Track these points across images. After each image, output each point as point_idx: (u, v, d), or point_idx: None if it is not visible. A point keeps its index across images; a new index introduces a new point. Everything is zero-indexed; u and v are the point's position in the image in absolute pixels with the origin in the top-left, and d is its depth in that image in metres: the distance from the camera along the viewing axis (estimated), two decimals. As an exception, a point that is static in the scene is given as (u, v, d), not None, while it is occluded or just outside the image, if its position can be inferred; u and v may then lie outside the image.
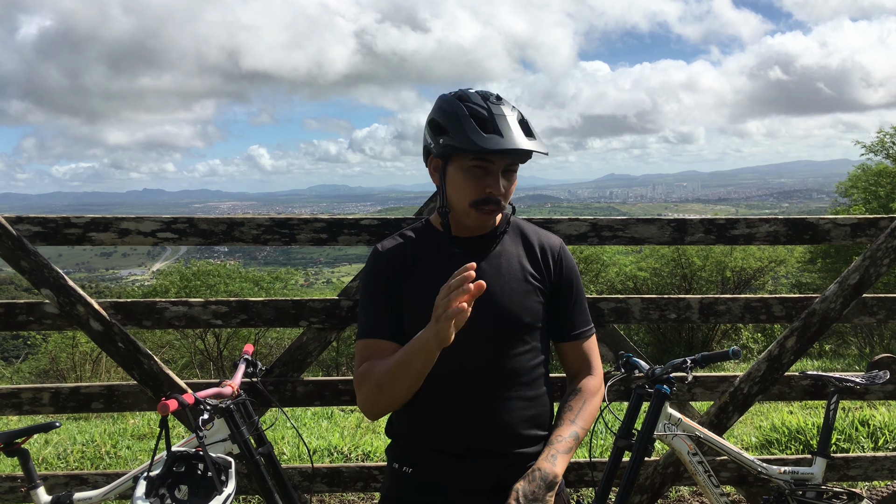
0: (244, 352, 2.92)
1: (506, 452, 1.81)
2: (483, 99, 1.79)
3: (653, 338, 17.88)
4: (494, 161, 1.77)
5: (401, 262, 1.88)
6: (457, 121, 1.76)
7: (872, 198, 19.04)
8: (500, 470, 1.79)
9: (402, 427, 1.89)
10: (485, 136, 1.72)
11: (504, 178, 1.79)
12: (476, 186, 1.79)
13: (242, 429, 2.60)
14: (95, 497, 2.71)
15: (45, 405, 3.08)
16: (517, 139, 1.73)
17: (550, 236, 2.00)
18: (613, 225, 3.08)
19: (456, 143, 1.75)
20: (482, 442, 1.79)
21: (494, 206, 1.80)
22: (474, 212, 1.81)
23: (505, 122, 1.74)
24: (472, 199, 1.80)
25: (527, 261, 1.91)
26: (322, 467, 3.17)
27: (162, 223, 3.00)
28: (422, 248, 1.91)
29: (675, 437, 2.69)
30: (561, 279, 1.93)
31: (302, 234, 3.02)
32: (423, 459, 1.84)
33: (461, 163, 1.79)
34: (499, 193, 1.78)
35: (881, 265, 3.06)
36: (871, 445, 4.60)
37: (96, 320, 2.97)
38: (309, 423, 6.08)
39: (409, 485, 1.84)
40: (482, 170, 1.78)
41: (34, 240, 2.96)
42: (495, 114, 1.75)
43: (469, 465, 1.79)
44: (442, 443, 1.81)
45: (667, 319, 3.15)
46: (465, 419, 1.79)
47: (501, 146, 1.71)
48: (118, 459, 5.05)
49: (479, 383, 1.80)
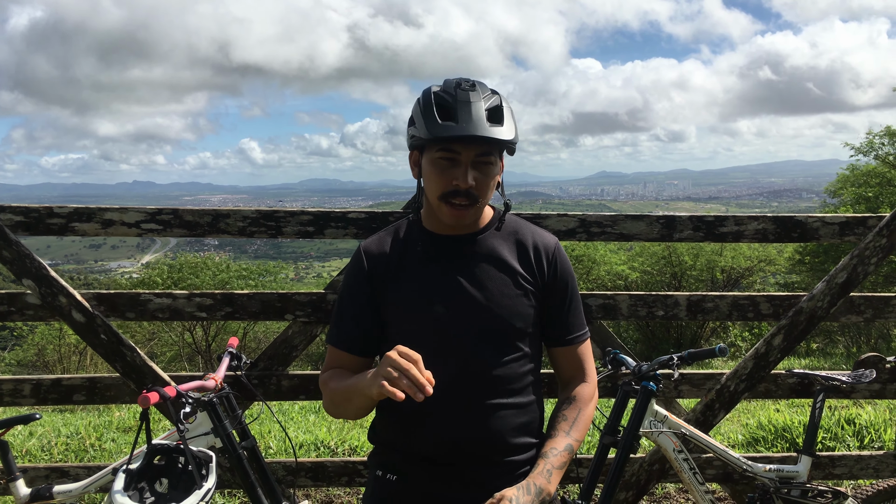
0: (229, 345, 2.89)
1: (496, 461, 1.75)
2: (455, 86, 1.70)
3: (642, 335, 17.95)
4: (461, 151, 1.67)
5: (384, 263, 1.80)
6: (421, 111, 1.70)
7: (861, 199, 19.15)
8: (489, 479, 1.73)
9: (386, 434, 1.83)
10: (439, 124, 1.65)
11: (475, 169, 1.68)
12: (443, 179, 1.69)
13: (225, 422, 2.58)
14: (75, 490, 2.68)
15: (25, 397, 3.05)
16: (474, 126, 1.63)
17: (545, 235, 1.89)
18: (602, 221, 3.07)
19: (417, 132, 1.71)
20: (471, 450, 1.73)
21: (465, 200, 1.69)
22: (445, 206, 1.71)
23: (466, 109, 1.64)
24: (439, 192, 1.70)
25: (518, 261, 1.81)
26: (306, 462, 3.15)
27: (146, 214, 2.97)
28: (408, 247, 1.83)
29: (661, 434, 2.69)
30: (555, 280, 1.83)
31: (288, 226, 3.00)
32: (409, 468, 1.77)
33: (430, 154, 1.70)
34: (465, 185, 1.67)
35: (869, 264, 3.06)
36: (856, 444, 4.61)
37: (79, 311, 2.94)
38: (296, 418, 6.05)
39: (394, 494, 1.77)
40: (449, 161, 1.68)
41: (16, 229, 2.92)
42: (459, 100, 1.66)
43: (457, 474, 1.74)
44: (428, 451, 1.74)
45: (654, 316, 3.14)
46: (452, 427, 1.72)
47: (452, 133, 1.63)
48: (102, 452, 5.01)
49: (468, 391, 1.73)
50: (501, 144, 1.69)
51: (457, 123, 1.63)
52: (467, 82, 1.71)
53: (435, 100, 1.69)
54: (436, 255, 1.79)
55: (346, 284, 1.84)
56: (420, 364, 1.48)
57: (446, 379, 1.66)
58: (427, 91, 1.74)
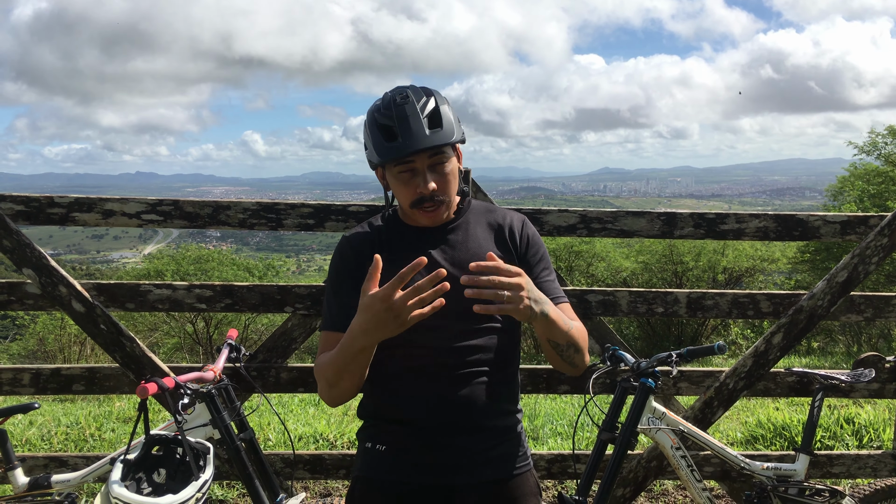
0: (228, 336, 2.90)
1: (480, 425, 1.83)
2: (391, 103, 1.81)
3: (642, 332, 17.94)
4: (415, 160, 1.79)
5: (369, 250, 1.87)
6: (369, 135, 1.85)
7: (865, 197, 19.10)
8: (474, 444, 1.81)
9: (375, 406, 1.90)
10: (387, 146, 1.78)
11: (433, 172, 1.81)
12: (408, 190, 1.83)
13: (223, 414, 2.58)
14: (74, 479, 2.69)
15: (25, 386, 3.05)
16: (417, 139, 1.75)
17: (513, 213, 2.02)
18: (603, 217, 3.07)
19: (371, 157, 1.85)
20: (456, 417, 1.80)
21: (432, 204, 1.83)
22: (418, 212, 1.85)
23: (406, 125, 1.77)
24: (409, 202, 1.84)
25: (493, 241, 1.92)
26: (304, 454, 3.16)
27: (147, 205, 2.97)
28: (389, 236, 1.92)
29: (659, 431, 2.69)
30: (527, 251, 1.94)
31: (289, 219, 3.00)
32: (397, 437, 1.84)
33: (390, 170, 1.83)
34: (428, 191, 1.80)
35: (870, 263, 3.05)
36: (854, 443, 4.62)
37: (78, 301, 2.94)
38: (296, 410, 6.06)
39: (383, 462, 1.83)
40: (409, 172, 1.81)
41: (17, 219, 2.92)
42: (397, 117, 1.78)
43: (444, 441, 1.80)
44: (416, 420, 1.81)
45: (654, 313, 3.14)
46: (438, 395, 1.80)
47: (402, 152, 1.76)
48: (102, 442, 5.02)
49: (452, 360, 1.80)
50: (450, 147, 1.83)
51: (402, 141, 1.76)
52: (401, 95, 1.82)
53: (377, 123, 1.82)
54: (415, 242, 1.89)
55: (336, 272, 1.92)
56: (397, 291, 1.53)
57: (432, 349, 1.79)
58: (370, 113, 1.86)
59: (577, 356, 1.83)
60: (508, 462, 1.86)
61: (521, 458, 1.90)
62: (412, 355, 1.80)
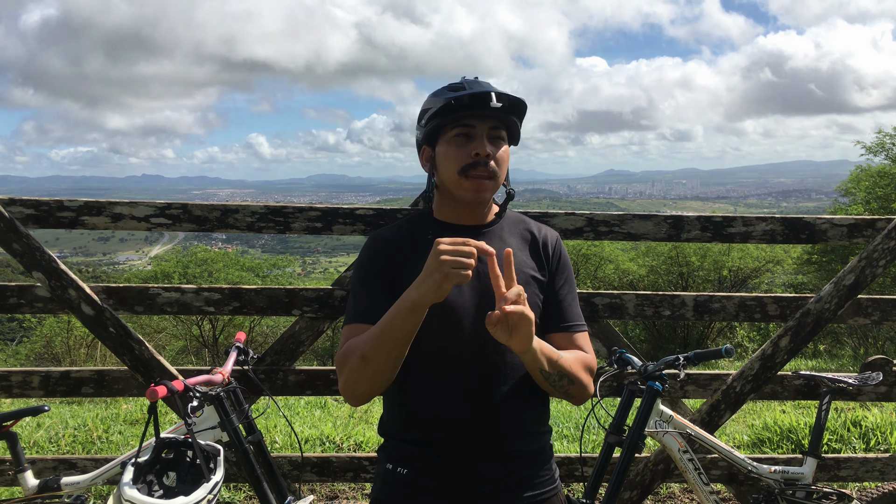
0: (236, 339, 2.91)
1: (506, 450, 1.74)
2: (462, 78, 1.85)
3: (648, 335, 17.91)
4: (476, 125, 1.76)
5: (398, 248, 1.82)
6: (433, 95, 1.84)
7: (873, 198, 19.02)
8: (499, 468, 1.73)
9: (395, 424, 1.82)
10: (454, 95, 1.76)
11: (490, 143, 1.77)
12: (462, 152, 1.76)
13: (232, 416, 2.59)
14: (83, 482, 2.70)
15: (34, 388, 3.07)
16: (485, 87, 1.78)
17: (548, 228, 1.97)
18: (609, 220, 3.07)
19: (432, 112, 1.80)
20: (481, 441, 1.72)
21: (484, 171, 1.76)
22: (465, 181, 1.77)
23: (477, 84, 1.80)
24: (460, 166, 1.76)
25: (527, 252, 1.86)
26: (312, 457, 3.17)
27: (156, 208, 2.98)
28: (420, 234, 1.84)
29: (666, 434, 2.69)
30: (557, 268, 1.88)
31: (296, 222, 3.01)
32: (420, 460, 1.75)
33: (445, 137, 1.80)
34: (485, 153, 1.74)
35: (877, 266, 3.05)
36: (862, 447, 4.60)
37: (88, 304, 2.96)
38: (302, 413, 6.07)
39: (405, 487, 1.75)
40: (465, 136, 1.77)
41: (27, 222, 2.94)
42: (468, 80, 1.83)
43: (468, 466, 1.72)
44: (438, 441, 1.73)
45: (661, 316, 3.14)
46: (462, 415, 1.72)
47: (469, 90, 1.75)
48: (110, 444, 5.04)
49: (477, 379, 1.72)
50: (513, 108, 1.78)
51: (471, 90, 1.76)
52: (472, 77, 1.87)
53: (446, 87, 1.84)
54: None
55: (362, 267, 1.84)
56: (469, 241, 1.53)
57: (455, 366, 1.71)
58: (437, 89, 1.86)
59: (571, 387, 1.72)
60: (535, 488, 1.77)
61: (547, 481, 1.81)
62: (434, 369, 1.72)
